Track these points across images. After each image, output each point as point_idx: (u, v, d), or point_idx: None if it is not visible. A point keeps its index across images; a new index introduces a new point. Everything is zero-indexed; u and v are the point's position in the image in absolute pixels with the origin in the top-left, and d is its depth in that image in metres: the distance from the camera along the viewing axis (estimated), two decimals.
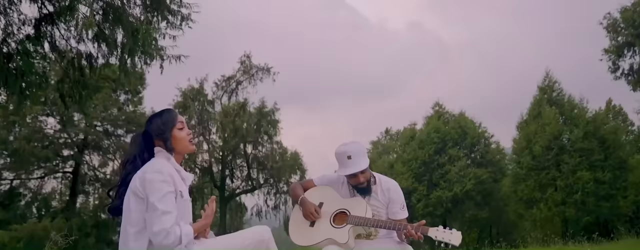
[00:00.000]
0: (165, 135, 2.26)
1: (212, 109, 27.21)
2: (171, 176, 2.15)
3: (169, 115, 2.33)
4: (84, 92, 8.55)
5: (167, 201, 2.09)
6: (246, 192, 27.41)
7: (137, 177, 2.15)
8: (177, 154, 2.31)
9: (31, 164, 25.09)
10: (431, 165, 25.45)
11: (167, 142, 2.26)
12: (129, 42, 7.60)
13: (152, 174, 2.12)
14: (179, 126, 2.30)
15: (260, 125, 26.79)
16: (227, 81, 27.16)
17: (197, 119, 26.75)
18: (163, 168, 2.14)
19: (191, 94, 26.96)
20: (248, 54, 27.19)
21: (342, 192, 3.10)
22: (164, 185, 2.11)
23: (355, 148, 2.96)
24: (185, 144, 2.31)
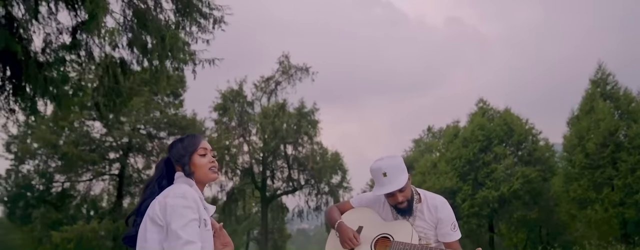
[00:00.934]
0: (184, 160, 2.09)
1: (252, 110, 27.28)
2: (196, 202, 1.96)
3: (191, 140, 2.17)
4: (118, 99, 8.52)
5: (191, 230, 1.89)
6: (287, 193, 27.35)
7: (157, 202, 1.95)
8: (197, 182, 2.10)
9: (80, 167, 25.89)
10: (476, 163, 24.64)
11: (185, 167, 2.08)
12: (158, 47, 7.49)
13: (175, 199, 1.92)
14: (201, 152, 2.12)
15: (300, 125, 26.64)
16: (266, 82, 27.15)
17: (237, 120, 26.87)
18: (187, 193, 1.95)
19: (231, 95, 27.10)
20: (286, 54, 27.11)
21: (384, 214, 2.77)
22: (188, 211, 1.91)
23: (390, 164, 2.63)
24: (204, 172, 2.10)
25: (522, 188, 23.33)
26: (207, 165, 2.11)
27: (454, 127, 28.17)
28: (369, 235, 2.70)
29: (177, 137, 2.39)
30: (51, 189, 26.06)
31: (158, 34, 7.61)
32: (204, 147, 2.14)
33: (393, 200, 2.64)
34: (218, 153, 26.25)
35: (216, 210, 12.02)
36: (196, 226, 1.91)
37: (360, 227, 2.75)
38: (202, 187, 2.13)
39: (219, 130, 27.04)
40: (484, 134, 25.09)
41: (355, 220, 2.78)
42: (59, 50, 8.82)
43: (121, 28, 8.73)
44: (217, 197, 26.99)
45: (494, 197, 23.26)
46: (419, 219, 2.68)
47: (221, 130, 26.89)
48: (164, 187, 2.05)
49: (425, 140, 33.62)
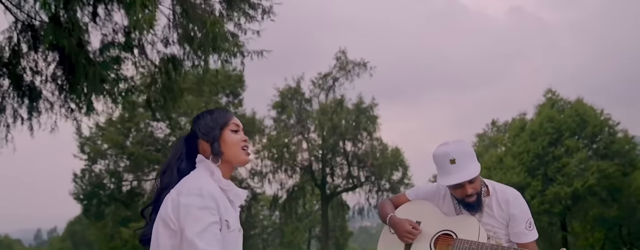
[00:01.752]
0: (214, 134, 1.75)
1: (310, 107, 27.17)
2: (215, 199, 1.62)
3: (222, 113, 1.86)
4: (169, 96, 8.52)
5: (210, 236, 1.56)
6: (347, 190, 27.04)
7: (170, 200, 1.62)
8: (225, 163, 1.76)
9: (146, 166, 26.83)
10: (545, 158, 23.28)
11: (214, 144, 1.74)
12: (201, 38, 7.37)
13: (189, 197, 1.59)
14: (233, 127, 1.80)
15: (359, 121, 26.25)
16: (324, 78, 26.96)
17: (295, 118, 26.86)
18: (204, 188, 1.61)
19: (289, 93, 27.13)
20: (343, 50, 26.79)
21: (445, 208, 2.39)
22: (206, 213, 1.58)
23: (459, 149, 2.22)
24: (235, 151, 1.76)
25: (599, 184, 21.76)
26: (239, 144, 1.78)
27: (521, 120, 26.83)
28: (428, 231, 2.34)
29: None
30: (121, 188, 27.17)
31: (201, 24, 7.50)
32: (236, 123, 1.82)
33: (460, 192, 2.24)
34: (277, 151, 26.36)
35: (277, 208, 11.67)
36: (216, 230, 1.59)
37: (417, 222, 2.40)
38: (230, 171, 1.79)
39: (277, 128, 27.15)
40: (554, 127, 23.67)
41: (411, 214, 2.43)
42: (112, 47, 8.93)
43: (172, 24, 8.72)
44: (277, 195, 27.12)
45: (567, 193, 21.86)
46: (486, 216, 2.28)
47: (280, 128, 26.98)
48: (183, 172, 1.73)
49: (490, 134, 32.26)
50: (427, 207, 2.42)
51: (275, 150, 26.23)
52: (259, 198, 28.76)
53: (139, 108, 26.48)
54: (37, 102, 8.46)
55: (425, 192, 2.49)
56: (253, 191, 27.51)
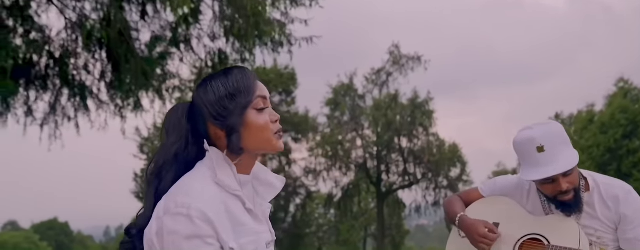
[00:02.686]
0: (232, 122, 1.18)
1: (364, 104, 26.67)
2: (210, 222, 1.11)
3: (244, 82, 1.22)
4: None
5: None
6: (403, 187, 26.34)
7: (154, 219, 1.13)
8: (248, 154, 1.24)
9: None
10: (618, 152, 21.69)
11: (232, 134, 1.18)
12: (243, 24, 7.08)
13: (174, 221, 1.09)
14: (259, 104, 1.22)
15: (414, 117, 25.50)
16: (377, 74, 26.39)
17: (349, 114, 26.45)
18: (193, 206, 1.10)
19: (342, 90, 26.74)
20: (396, 44, 26.11)
21: (530, 207, 1.89)
22: (196, 245, 1.09)
23: (548, 132, 1.72)
24: (266, 138, 1.22)
25: None
26: (269, 127, 1.23)
27: (589, 112, 25.19)
28: (509, 234, 1.85)
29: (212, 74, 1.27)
30: None
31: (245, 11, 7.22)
32: (263, 95, 1.24)
33: (552, 189, 1.73)
34: (331, 149, 26.04)
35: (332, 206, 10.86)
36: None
37: (495, 223, 1.94)
38: (253, 161, 1.26)
39: (331, 126, 26.82)
40: (628, 118, 22.01)
41: (486, 214, 1.94)
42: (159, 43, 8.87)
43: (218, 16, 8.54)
44: (332, 193, 26.80)
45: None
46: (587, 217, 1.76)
47: (333, 126, 26.65)
48: (188, 164, 1.21)
49: None
50: (507, 205, 1.95)
51: (329, 147, 25.91)
52: (314, 196, 28.53)
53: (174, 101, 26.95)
54: (86, 100, 8.49)
55: (503, 186, 2.00)
56: (307, 189, 27.34)
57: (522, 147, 1.74)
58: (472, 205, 2.02)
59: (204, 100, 1.20)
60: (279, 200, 26.88)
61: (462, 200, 2.07)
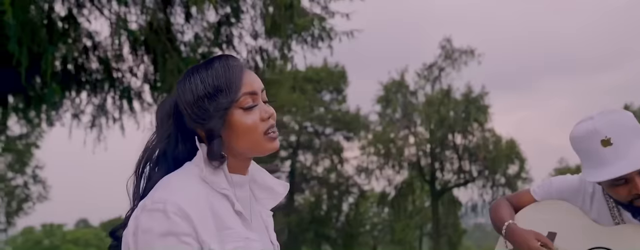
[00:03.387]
0: (212, 125, 1.04)
1: (416, 100, 26.09)
2: (188, 219, 0.99)
3: (225, 77, 1.07)
4: None
5: None
6: (458, 185, 25.55)
7: (132, 219, 1.03)
8: (234, 157, 1.10)
9: None
10: None
11: (212, 139, 1.05)
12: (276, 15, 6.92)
13: (149, 217, 0.98)
14: (246, 102, 1.06)
15: (469, 112, 24.68)
16: (429, 69, 25.75)
17: (401, 111, 25.95)
18: (170, 201, 0.99)
19: (393, 86, 26.28)
20: (448, 38, 25.36)
21: (594, 214, 1.57)
22: (171, 243, 0.97)
23: (616, 122, 1.41)
24: (255, 139, 1.07)
25: None
26: (258, 127, 1.06)
27: None
28: (568, 248, 1.55)
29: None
30: None
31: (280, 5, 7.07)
32: (251, 91, 1.08)
33: (625, 191, 1.40)
34: (383, 147, 25.65)
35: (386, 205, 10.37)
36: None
37: (550, 233, 1.62)
38: (246, 162, 1.12)
39: (382, 123, 26.44)
40: None
41: (541, 223, 1.63)
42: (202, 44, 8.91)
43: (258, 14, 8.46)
44: (385, 191, 26.40)
45: None
46: None
47: (385, 123, 26.26)
48: (179, 163, 1.09)
49: None
50: (566, 212, 1.63)
51: (381, 145, 25.54)
52: (367, 195, 28.22)
53: None
54: (132, 102, 8.64)
55: (560, 188, 1.68)
56: (360, 188, 27.07)
57: (582, 141, 1.43)
58: (522, 211, 1.70)
59: (183, 100, 1.07)
60: (331, 199, 26.77)
61: (511, 204, 1.74)
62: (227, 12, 9.20)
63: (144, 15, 9.30)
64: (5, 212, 25.59)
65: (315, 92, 28.82)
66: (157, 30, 8.71)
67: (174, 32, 9.51)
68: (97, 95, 9.19)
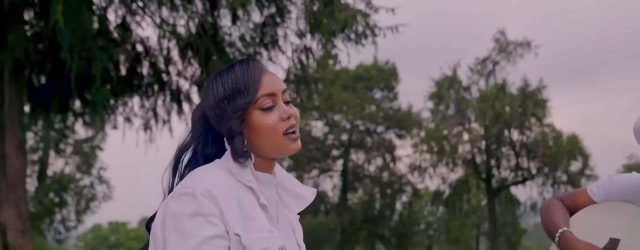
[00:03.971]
0: (230, 125, 1.07)
1: (469, 96, 25.37)
2: (216, 201, 1.01)
3: (244, 79, 1.09)
4: (302, 87, 8.26)
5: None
6: (516, 183, 24.62)
7: (161, 208, 1.06)
8: (259, 157, 1.12)
9: (307, 164, 27.70)
10: None
11: (233, 139, 1.08)
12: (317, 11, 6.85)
13: (178, 200, 1.02)
14: (265, 103, 1.08)
15: (526, 107, 23.74)
16: (482, 63, 24.96)
17: (454, 107, 25.33)
18: (200, 185, 1.02)
19: (445, 82, 25.68)
20: (502, 30, 24.48)
21: None
22: (199, 223, 0.99)
23: None
24: (274, 141, 1.08)
25: None
26: (277, 127, 1.07)
27: None
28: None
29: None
30: None
31: None
32: (271, 92, 1.09)
33: None
34: (436, 144, 25.12)
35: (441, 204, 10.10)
36: (217, 247, 0.99)
37: (612, 240, 1.43)
38: (270, 162, 1.14)
39: (435, 120, 25.89)
40: None
41: (600, 228, 1.45)
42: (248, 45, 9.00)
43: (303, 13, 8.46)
44: (439, 190, 25.85)
45: None
46: None
47: (438, 120, 25.69)
48: (208, 159, 1.14)
49: None
50: (630, 215, 1.44)
51: (434, 143, 25.00)
52: (421, 193, 27.74)
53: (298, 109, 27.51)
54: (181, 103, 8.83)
55: (623, 187, 1.49)
56: (413, 187, 26.63)
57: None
58: (578, 214, 1.51)
59: (206, 103, 1.13)
60: (384, 198, 26.50)
61: (566, 206, 1.56)
62: (272, 13, 9.25)
63: (193, 19, 9.52)
64: (75, 211, 26.98)
65: (366, 90, 28.61)
66: (205, 34, 8.89)
67: (222, 35, 9.67)
68: (149, 98, 9.48)
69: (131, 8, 9.37)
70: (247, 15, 9.69)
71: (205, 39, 8.77)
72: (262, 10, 9.38)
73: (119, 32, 9.01)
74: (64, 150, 26.64)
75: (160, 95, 9.13)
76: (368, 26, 7.33)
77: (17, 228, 6.90)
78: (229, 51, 9.39)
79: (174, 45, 9.63)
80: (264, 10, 9.40)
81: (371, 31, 7.43)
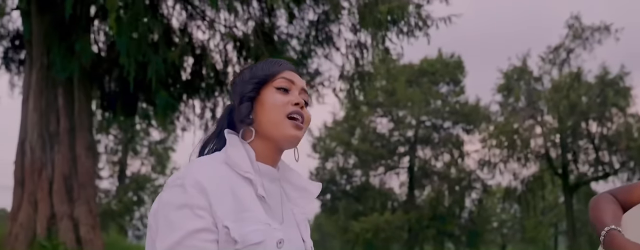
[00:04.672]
0: (245, 92, 1.12)
1: (541, 86, 24.09)
2: (204, 192, 0.99)
3: (268, 65, 1.16)
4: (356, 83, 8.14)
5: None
6: (597, 179, 23.08)
7: (156, 199, 1.09)
8: (263, 139, 1.10)
9: (373, 161, 27.50)
10: None
11: (241, 103, 1.12)
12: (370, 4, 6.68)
13: (168, 192, 1.02)
14: (280, 84, 1.12)
15: (605, 96, 22.20)
16: (555, 52, 23.58)
17: (524, 100, 24.15)
18: (189, 176, 1.01)
19: (514, 73, 24.56)
20: (576, 15, 23.00)
21: None
22: (185, 215, 0.98)
23: None
24: (276, 118, 1.09)
25: None
26: (283, 107, 1.09)
27: None
28: None
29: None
30: (352, 183, 28.40)
31: None
32: (288, 78, 1.14)
33: None
34: (506, 138, 24.07)
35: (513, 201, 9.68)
36: (203, 243, 0.97)
37: None
38: (273, 151, 1.12)
39: (505, 113, 24.82)
40: None
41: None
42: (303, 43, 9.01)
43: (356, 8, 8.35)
44: (511, 186, 24.75)
45: None
46: None
47: (507, 113, 24.60)
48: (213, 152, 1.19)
49: None
50: None
51: (504, 137, 23.95)
52: (492, 190, 26.71)
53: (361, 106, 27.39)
54: None
55: None
56: (483, 183, 25.69)
57: None
58: (633, 210, 1.30)
59: (232, 93, 1.18)
60: (453, 194, 25.75)
61: (619, 201, 1.34)
62: (326, 9, 9.20)
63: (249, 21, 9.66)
64: None
65: (431, 84, 27.99)
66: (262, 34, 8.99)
67: (278, 34, 9.76)
68: (210, 100, 9.72)
69: (191, 14, 9.67)
70: (302, 13, 9.72)
71: (260, 39, 8.87)
72: (315, 8, 9.36)
73: (180, 36, 9.30)
74: (140, 152, 28.09)
75: (220, 97, 9.35)
76: (420, 17, 7.09)
77: (88, 223, 7.34)
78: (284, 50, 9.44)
79: (232, 48, 9.82)
80: (318, 8, 9.37)
81: (423, 22, 7.20)
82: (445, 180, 26.17)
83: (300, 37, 9.67)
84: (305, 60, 9.12)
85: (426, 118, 27.68)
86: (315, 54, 9.11)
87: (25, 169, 7.37)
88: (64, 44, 7.00)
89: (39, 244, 6.87)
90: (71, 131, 7.41)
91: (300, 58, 9.22)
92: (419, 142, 27.51)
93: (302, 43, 9.63)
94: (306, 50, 9.04)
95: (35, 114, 7.44)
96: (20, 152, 7.55)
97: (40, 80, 7.47)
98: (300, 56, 9.17)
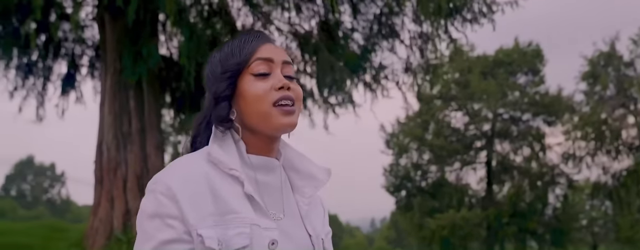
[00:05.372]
0: (217, 87, 1.01)
1: (633, 72, 22.25)
2: (174, 199, 0.93)
3: (240, 44, 1.03)
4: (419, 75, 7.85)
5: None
6: None
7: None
8: (252, 131, 1.00)
9: (448, 157, 26.67)
10: None
11: (218, 103, 1.00)
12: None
13: (146, 197, 0.98)
14: (258, 68, 0.99)
15: None
16: None
17: (613, 88, 22.42)
18: (161, 180, 0.96)
19: (600, 59, 22.86)
20: None
21: None
22: (156, 225, 0.93)
23: None
24: (263, 110, 0.97)
25: None
26: (267, 95, 0.97)
27: None
28: None
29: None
30: (427, 179, 27.72)
31: None
32: (266, 58, 1.00)
33: None
34: (593, 130, 22.46)
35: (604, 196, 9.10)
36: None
37: None
38: (265, 142, 1.01)
39: (590, 103, 23.16)
40: None
41: None
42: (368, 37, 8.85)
43: None
44: (600, 181, 23.03)
45: None
46: None
47: (593, 103, 22.95)
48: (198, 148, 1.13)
49: None
50: None
51: (590, 129, 22.37)
52: (579, 185, 24.99)
53: (435, 100, 26.65)
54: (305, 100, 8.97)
55: None
56: (568, 178, 24.08)
57: None
58: None
59: (205, 75, 1.07)
60: (534, 190, 24.35)
61: None
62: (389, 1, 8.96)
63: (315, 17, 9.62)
64: None
65: (508, 75, 26.70)
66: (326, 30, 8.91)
67: (343, 30, 9.64)
68: None
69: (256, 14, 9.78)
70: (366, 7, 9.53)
71: (322, 36, 8.80)
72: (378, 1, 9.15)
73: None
74: None
75: None
76: (485, 3, 6.69)
77: None
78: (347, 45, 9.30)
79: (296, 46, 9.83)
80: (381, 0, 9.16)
81: (488, 8, 6.77)
82: (526, 175, 24.83)
83: (363, 31, 9.49)
84: (369, 55, 8.92)
85: (503, 110, 26.44)
86: (379, 47, 8.90)
87: (103, 168, 7.81)
88: (133, 49, 7.32)
89: (116, 237, 7.25)
90: (142, 131, 7.75)
91: (364, 52, 9.05)
92: (496, 136, 26.33)
93: (366, 38, 9.45)
94: (370, 45, 8.85)
95: (110, 116, 7.86)
96: (98, 153, 8.01)
97: (114, 84, 7.87)
98: (364, 50, 8.99)
